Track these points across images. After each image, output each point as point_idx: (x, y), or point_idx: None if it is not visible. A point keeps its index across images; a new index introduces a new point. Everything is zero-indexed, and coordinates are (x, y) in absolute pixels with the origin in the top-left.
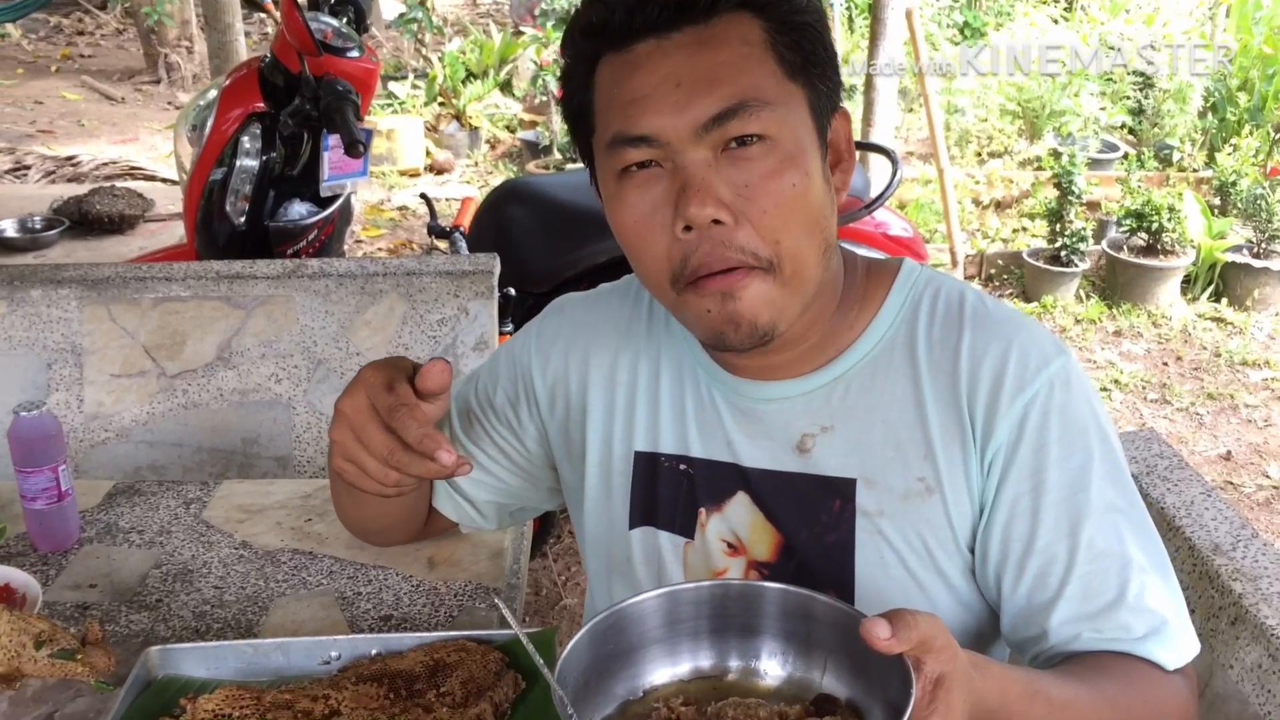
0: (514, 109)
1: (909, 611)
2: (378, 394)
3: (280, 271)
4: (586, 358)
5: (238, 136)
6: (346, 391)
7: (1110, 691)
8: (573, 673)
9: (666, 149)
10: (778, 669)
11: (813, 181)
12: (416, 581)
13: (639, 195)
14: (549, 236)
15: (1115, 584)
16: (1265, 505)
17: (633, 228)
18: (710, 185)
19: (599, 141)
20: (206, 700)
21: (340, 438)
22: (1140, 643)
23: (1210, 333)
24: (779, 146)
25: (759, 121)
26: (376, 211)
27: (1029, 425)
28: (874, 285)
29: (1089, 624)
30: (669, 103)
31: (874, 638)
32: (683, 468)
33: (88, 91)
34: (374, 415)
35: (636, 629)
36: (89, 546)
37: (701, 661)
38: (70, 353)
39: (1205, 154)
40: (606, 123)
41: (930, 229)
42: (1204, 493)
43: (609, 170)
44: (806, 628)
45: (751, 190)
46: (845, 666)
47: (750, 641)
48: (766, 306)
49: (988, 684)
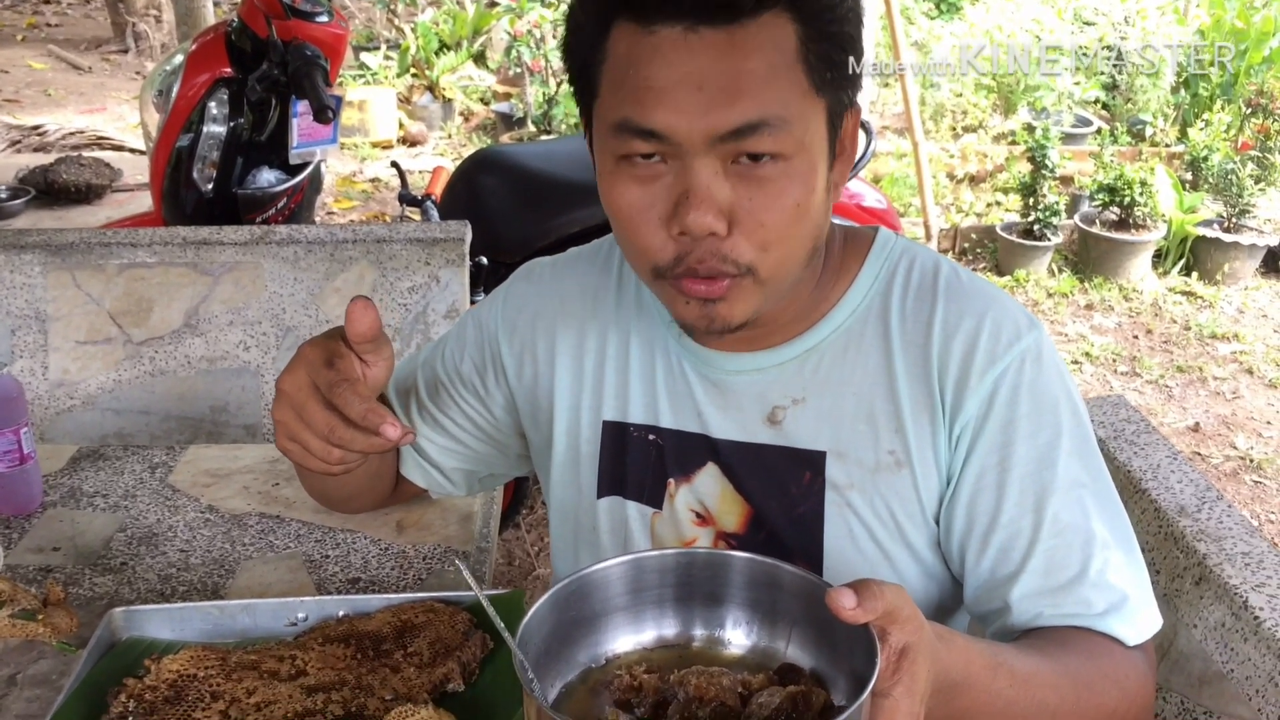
0: (488, 81)
1: (875, 582)
2: (318, 371)
3: (248, 238)
4: (554, 325)
5: (204, 102)
6: (287, 369)
7: (1072, 665)
8: (534, 638)
9: (676, 149)
10: (742, 638)
11: (816, 194)
12: (385, 545)
13: (637, 186)
14: (521, 206)
15: (1078, 559)
16: (1233, 476)
17: (625, 213)
18: (714, 196)
19: (601, 113)
20: (171, 661)
21: (282, 417)
22: (1101, 618)
23: (1180, 306)
24: (791, 166)
25: (775, 141)
26: (349, 183)
27: (999, 400)
28: (850, 256)
29: (1050, 598)
30: (688, 104)
31: (839, 607)
32: (652, 438)
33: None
34: (314, 392)
35: (600, 595)
36: (52, 510)
37: (666, 630)
38: (34, 319)
39: (1177, 129)
40: (616, 101)
41: (905, 203)
42: (1170, 456)
43: (609, 149)
44: (772, 597)
45: (754, 205)
46: (810, 637)
47: (715, 610)
48: (742, 306)
49: (952, 656)
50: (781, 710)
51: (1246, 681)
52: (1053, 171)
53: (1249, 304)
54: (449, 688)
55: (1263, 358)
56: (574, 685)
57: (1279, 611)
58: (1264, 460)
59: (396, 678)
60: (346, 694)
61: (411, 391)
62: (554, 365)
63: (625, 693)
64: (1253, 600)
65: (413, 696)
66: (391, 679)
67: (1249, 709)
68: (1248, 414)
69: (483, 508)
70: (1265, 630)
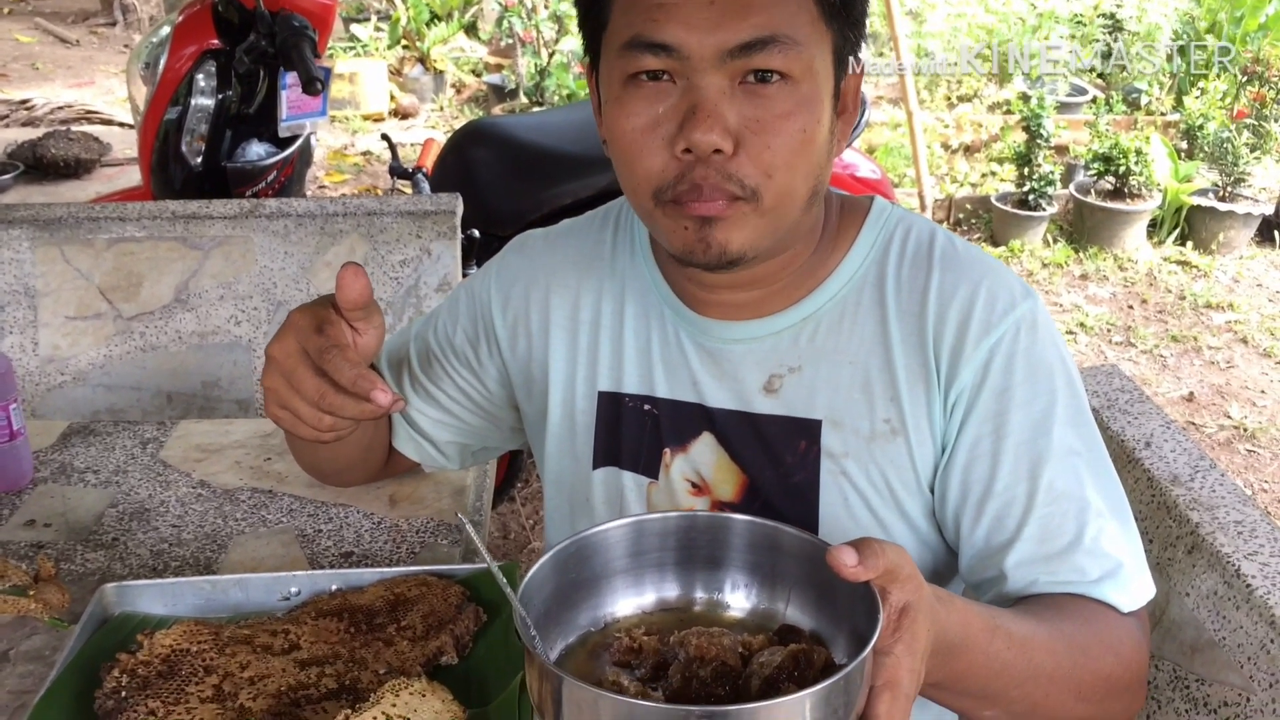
0: (479, 52)
1: (875, 540)
2: (307, 337)
3: (238, 211)
4: (548, 296)
5: (192, 75)
6: (276, 336)
7: (1067, 630)
8: (535, 599)
9: (684, 64)
10: (742, 600)
11: (820, 128)
12: (378, 519)
13: (644, 105)
14: (514, 178)
15: (1073, 527)
16: (1226, 445)
17: (629, 135)
18: (721, 113)
19: (611, 39)
20: (164, 635)
21: (272, 384)
22: (1095, 585)
23: (1175, 276)
24: (798, 88)
25: (784, 59)
26: (340, 156)
27: (993, 368)
28: (846, 223)
29: (1045, 566)
30: (699, 18)
31: (840, 565)
32: (647, 408)
33: (41, 34)
34: (304, 359)
35: (601, 558)
36: (43, 486)
37: (666, 593)
38: (23, 295)
39: (1173, 97)
40: (626, 21)
41: (899, 173)
42: (1163, 425)
43: (617, 71)
44: (772, 560)
45: (760, 126)
46: (810, 598)
47: (715, 573)
48: (740, 234)
49: (951, 617)
50: (783, 668)
51: (1238, 649)
52: (1047, 141)
53: (1244, 273)
54: (442, 661)
55: (1257, 327)
56: (574, 647)
57: (1271, 580)
58: (1258, 429)
59: (389, 651)
60: (340, 668)
61: (404, 363)
62: (548, 337)
63: (625, 655)
64: (1245, 569)
65: (406, 670)
66: (384, 652)
67: (1240, 676)
68: (1242, 383)
69: (475, 481)
70: (1257, 598)
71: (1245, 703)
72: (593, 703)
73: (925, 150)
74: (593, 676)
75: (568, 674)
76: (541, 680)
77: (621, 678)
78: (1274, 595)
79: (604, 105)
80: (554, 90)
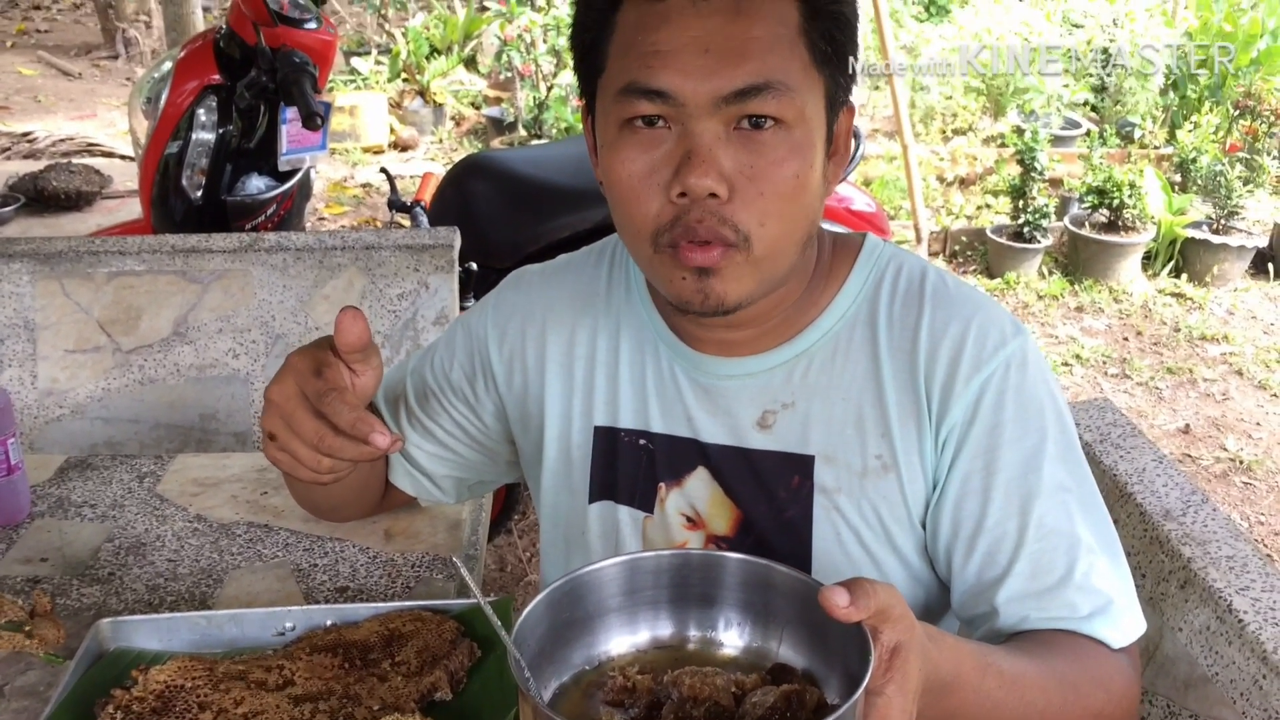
0: (479, 85)
1: (867, 581)
2: (306, 380)
3: (237, 245)
4: (544, 331)
5: (193, 109)
6: (275, 379)
7: (1059, 667)
8: (529, 639)
9: (680, 111)
10: (736, 639)
11: (813, 173)
12: (373, 553)
13: (639, 151)
14: (511, 211)
15: (1063, 563)
16: (1222, 477)
17: (625, 182)
18: (716, 158)
19: (607, 84)
20: (158, 671)
21: (271, 427)
22: (1085, 621)
23: (1170, 308)
24: (791, 134)
25: (778, 105)
26: (340, 189)
27: (984, 405)
28: (838, 261)
29: (1036, 601)
30: (694, 66)
31: (832, 605)
32: (642, 442)
33: (44, 67)
34: (303, 402)
35: (595, 597)
36: (40, 521)
37: (660, 631)
38: (23, 328)
39: (1166, 131)
40: (622, 68)
41: (895, 206)
42: (1156, 460)
43: (613, 116)
44: (765, 598)
45: (755, 172)
46: (803, 637)
47: (709, 611)
48: (737, 286)
49: (943, 655)
50: (776, 709)
51: (1231, 685)
52: (1042, 174)
53: (1238, 305)
54: (436, 696)
55: (1252, 359)
56: (568, 686)
57: (1263, 615)
58: (1254, 461)
59: (384, 687)
60: (334, 704)
61: (401, 399)
62: (544, 372)
63: (619, 694)
64: (1237, 604)
65: (400, 706)
66: (379, 688)
67: (1233, 712)
68: (1237, 415)
69: (471, 515)
70: (1249, 634)
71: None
72: None
73: (921, 183)
74: (586, 716)
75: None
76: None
77: (615, 718)
78: (1266, 630)
79: (600, 149)
80: (552, 123)
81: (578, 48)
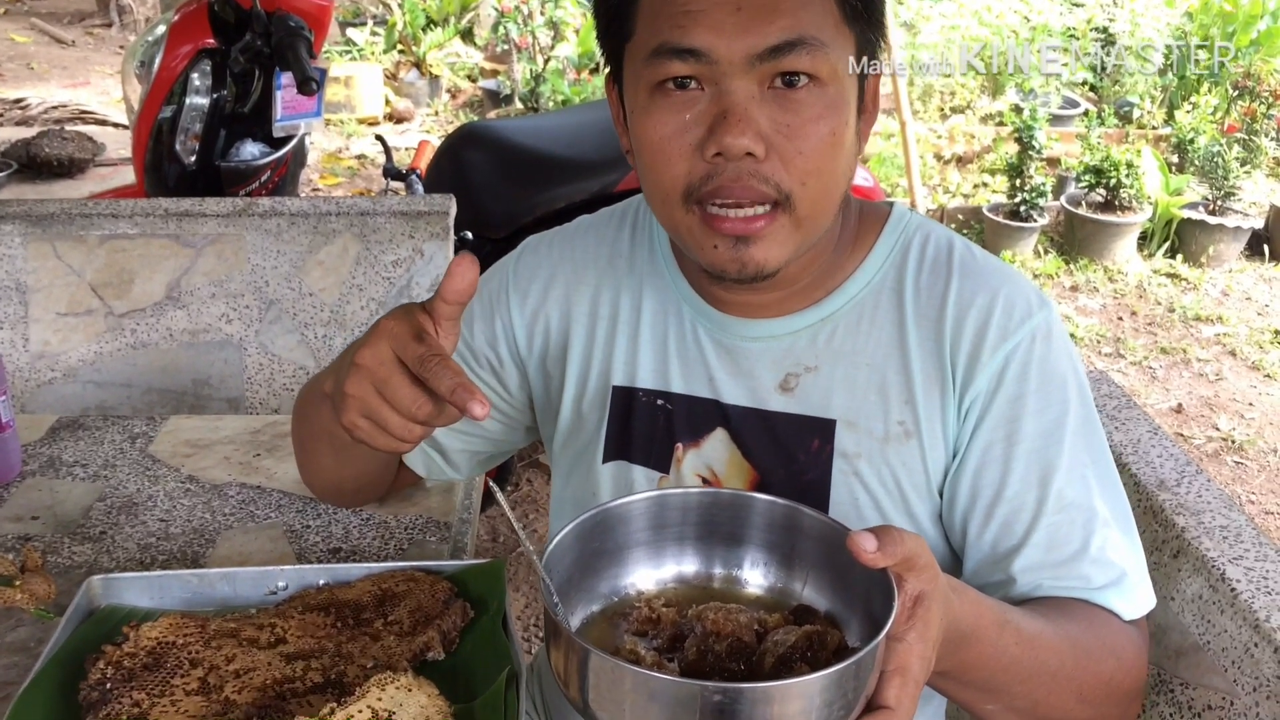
0: (475, 57)
1: (895, 529)
2: (405, 344)
3: (230, 210)
4: (569, 292)
5: (187, 74)
6: (365, 343)
7: (1073, 632)
8: (558, 566)
9: (713, 69)
10: (760, 578)
11: (848, 130)
12: (366, 515)
13: (671, 114)
14: (507, 181)
15: (1080, 536)
16: (1214, 456)
17: (657, 143)
18: (752, 117)
19: (636, 48)
20: (150, 628)
21: (359, 392)
22: (1099, 592)
23: (1165, 288)
24: (825, 91)
25: (812, 61)
26: (334, 159)
27: (1008, 375)
28: (866, 228)
29: (1051, 572)
30: (728, 24)
31: (860, 550)
32: (660, 403)
33: (37, 34)
34: (399, 367)
35: (623, 529)
36: (31, 479)
37: (685, 567)
38: (15, 290)
39: (1164, 111)
40: (653, 30)
41: (892, 183)
42: (1151, 431)
43: (643, 80)
44: (791, 540)
45: (792, 131)
46: (826, 580)
47: (735, 550)
48: (778, 250)
49: (964, 608)
50: (797, 648)
51: (1223, 653)
52: (1039, 153)
53: (1233, 286)
54: (429, 656)
55: (1246, 340)
56: (594, 616)
57: (1255, 584)
58: (1246, 441)
59: (376, 646)
60: (326, 661)
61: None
62: (567, 333)
63: (643, 624)
64: (1230, 573)
65: (392, 664)
66: (371, 647)
67: (1225, 680)
68: (1230, 395)
69: (464, 481)
70: (1242, 602)
71: (1229, 706)
72: (611, 672)
73: (918, 160)
74: (610, 644)
75: (587, 642)
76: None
77: (639, 647)
78: (1258, 599)
79: (629, 115)
80: (549, 96)
81: (602, 15)
